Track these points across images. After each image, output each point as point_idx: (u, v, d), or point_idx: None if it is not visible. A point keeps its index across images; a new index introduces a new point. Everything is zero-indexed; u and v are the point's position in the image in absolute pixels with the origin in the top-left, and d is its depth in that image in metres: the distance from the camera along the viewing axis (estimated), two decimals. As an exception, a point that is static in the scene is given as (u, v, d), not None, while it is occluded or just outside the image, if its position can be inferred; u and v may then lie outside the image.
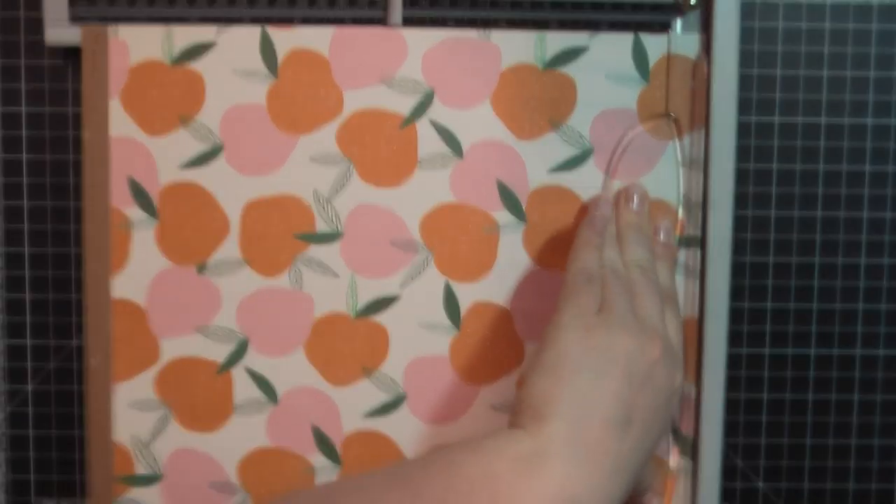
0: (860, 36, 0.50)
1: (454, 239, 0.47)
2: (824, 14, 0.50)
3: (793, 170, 0.51)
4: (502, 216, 0.47)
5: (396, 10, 0.46)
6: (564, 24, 0.46)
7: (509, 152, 0.47)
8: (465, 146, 0.46)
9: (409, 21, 0.46)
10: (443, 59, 0.46)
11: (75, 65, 0.49)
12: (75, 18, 0.46)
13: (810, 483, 0.52)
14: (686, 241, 0.47)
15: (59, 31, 0.46)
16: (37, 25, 0.49)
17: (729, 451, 0.51)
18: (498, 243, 0.47)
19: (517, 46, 0.46)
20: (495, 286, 0.47)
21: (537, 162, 0.47)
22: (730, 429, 0.51)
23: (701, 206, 0.46)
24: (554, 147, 0.47)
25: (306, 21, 0.46)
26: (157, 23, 0.46)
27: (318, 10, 0.46)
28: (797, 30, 0.50)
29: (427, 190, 0.47)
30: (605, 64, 0.46)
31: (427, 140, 0.46)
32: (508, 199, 0.47)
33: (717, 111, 0.44)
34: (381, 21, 0.46)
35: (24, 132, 0.50)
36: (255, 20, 0.46)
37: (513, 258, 0.47)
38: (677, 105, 0.46)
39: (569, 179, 0.47)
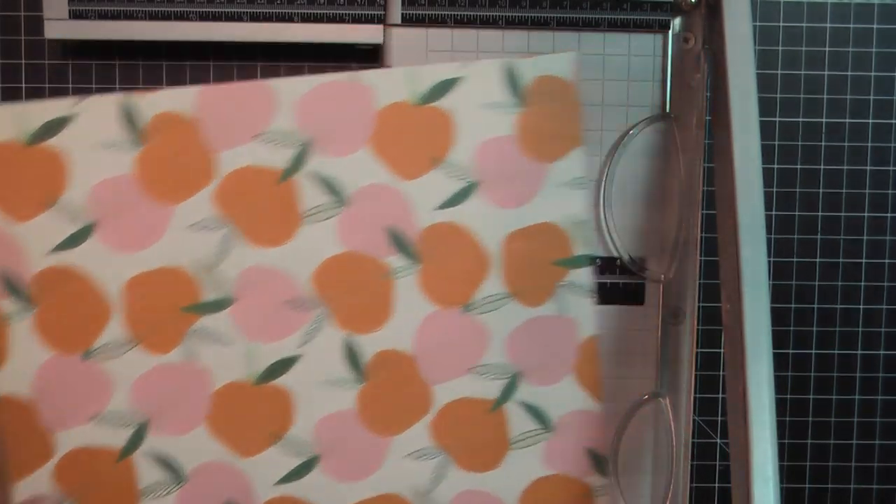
0: (860, 36, 0.50)
1: (349, 290, 0.45)
2: (825, 14, 0.50)
3: (793, 170, 0.51)
4: (395, 260, 0.45)
5: (395, 7, 0.46)
6: (562, 23, 0.46)
7: (395, 194, 0.45)
8: (348, 194, 0.45)
9: (407, 19, 0.46)
10: (316, 107, 0.44)
11: (76, 64, 0.49)
12: (75, 14, 0.46)
13: (811, 483, 0.52)
14: (576, 262, 0.46)
15: (59, 25, 0.46)
16: (38, 25, 0.49)
17: (727, 451, 0.51)
18: (394, 289, 0.45)
19: (389, 85, 0.45)
20: (396, 332, 0.46)
21: (424, 201, 0.45)
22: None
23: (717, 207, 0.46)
24: (439, 184, 0.45)
25: (306, 19, 0.46)
26: (156, 19, 0.46)
27: (317, 8, 0.46)
28: (797, 30, 0.50)
29: (315, 243, 0.45)
30: (480, 93, 0.45)
31: (309, 192, 0.45)
32: (399, 242, 0.45)
33: (738, 112, 0.43)
34: (381, 19, 0.46)
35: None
36: (253, 18, 0.46)
37: (411, 301, 0.46)
38: (558, 125, 0.45)
39: (458, 214, 0.45)
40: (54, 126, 0.44)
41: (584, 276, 0.46)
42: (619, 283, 0.48)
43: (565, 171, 0.46)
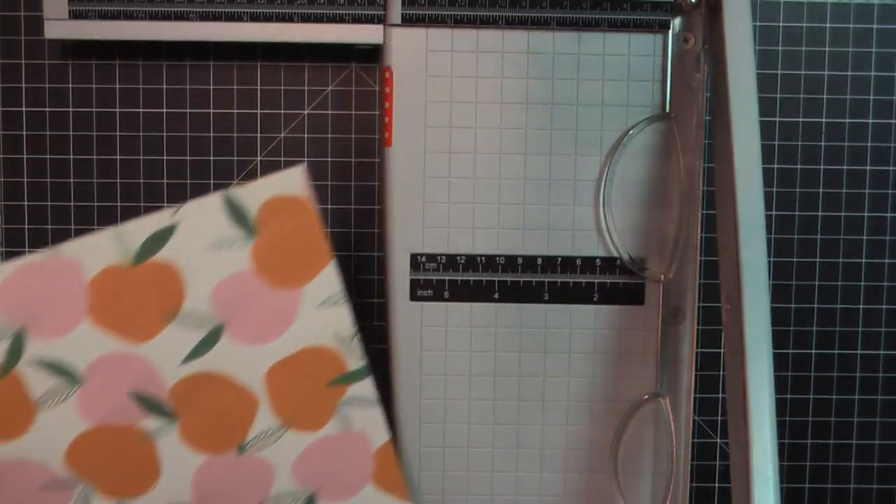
0: (860, 36, 0.50)
1: (108, 463, 0.44)
2: (825, 14, 0.50)
3: (793, 170, 0.51)
4: (150, 422, 0.44)
5: (395, 7, 0.46)
6: (562, 23, 0.46)
7: (132, 359, 0.44)
8: (80, 371, 0.44)
9: (407, 19, 0.46)
10: (18, 293, 0.43)
11: (76, 64, 0.49)
12: (75, 14, 0.46)
13: (811, 483, 0.52)
14: (352, 377, 0.45)
15: (59, 25, 0.46)
16: (38, 25, 0.49)
17: (727, 451, 0.51)
18: (157, 449, 0.44)
19: (95, 252, 0.43)
20: (170, 489, 0.45)
21: (166, 358, 0.44)
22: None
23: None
24: (178, 338, 0.44)
25: (306, 19, 0.46)
26: (156, 19, 0.46)
27: (317, 8, 0.46)
28: (797, 30, 0.50)
29: (58, 426, 0.44)
30: (203, 235, 0.43)
31: (36, 379, 0.43)
32: (148, 404, 0.44)
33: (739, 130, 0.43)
34: (381, 19, 0.46)
35: (24, 132, 0.50)
36: (253, 18, 0.46)
37: (178, 457, 0.45)
38: (300, 247, 0.44)
39: (208, 363, 0.44)
40: None
41: (366, 387, 0.45)
42: (619, 283, 0.48)
43: (319, 291, 0.44)
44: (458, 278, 0.48)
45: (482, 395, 0.49)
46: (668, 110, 0.47)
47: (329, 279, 0.44)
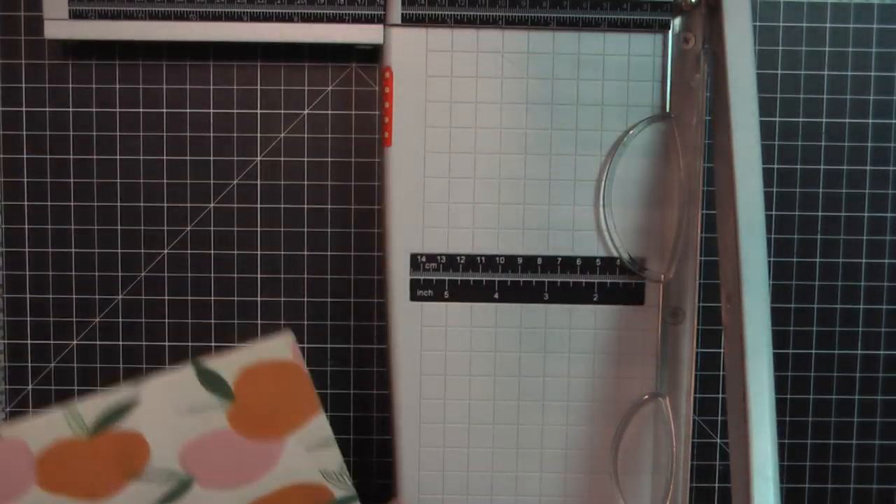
0: (860, 36, 0.50)
1: None
2: (825, 14, 0.50)
3: (793, 170, 0.51)
4: None
5: (395, 7, 0.46)
6: (562, 23, 0.46)
7: None
8: None
9: (407, 19, 0.46)
10: None
11: (76, 64, 0.49)
12: (75, 14, 0.46)
13: (811, 483, 0.52)
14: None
15: (59, 25, 0.46)
16: (38, 25, 0.49)
17: (727, 451, 0.51)
18: None
19: (44, 430, 0.42)
20: None
21: None
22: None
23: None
24: (144, 491, 0.43)
25: (306, 19, 0.46)
26: (156, 19, 0.46)
27: (317, 8, 0.46)
28: (797, 30, 0.50)
29: None
30: (170, 403, 0.43)
31: None
32: None
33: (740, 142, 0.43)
34: (381, 19, 0.46)
35: (24, 132, 0.50)
36: (253, 18, 0.46)
37: None
38: (288, 405, 0.44)
39: None
40: None
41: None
42: (619, 283, 0.48)
43: (307, 438, 0.44)
44: (458, 278, 0.48)
45: (482, 395, 0.49)
46: (668, 110, 0.47)
47: (319, 427, 0.44)
